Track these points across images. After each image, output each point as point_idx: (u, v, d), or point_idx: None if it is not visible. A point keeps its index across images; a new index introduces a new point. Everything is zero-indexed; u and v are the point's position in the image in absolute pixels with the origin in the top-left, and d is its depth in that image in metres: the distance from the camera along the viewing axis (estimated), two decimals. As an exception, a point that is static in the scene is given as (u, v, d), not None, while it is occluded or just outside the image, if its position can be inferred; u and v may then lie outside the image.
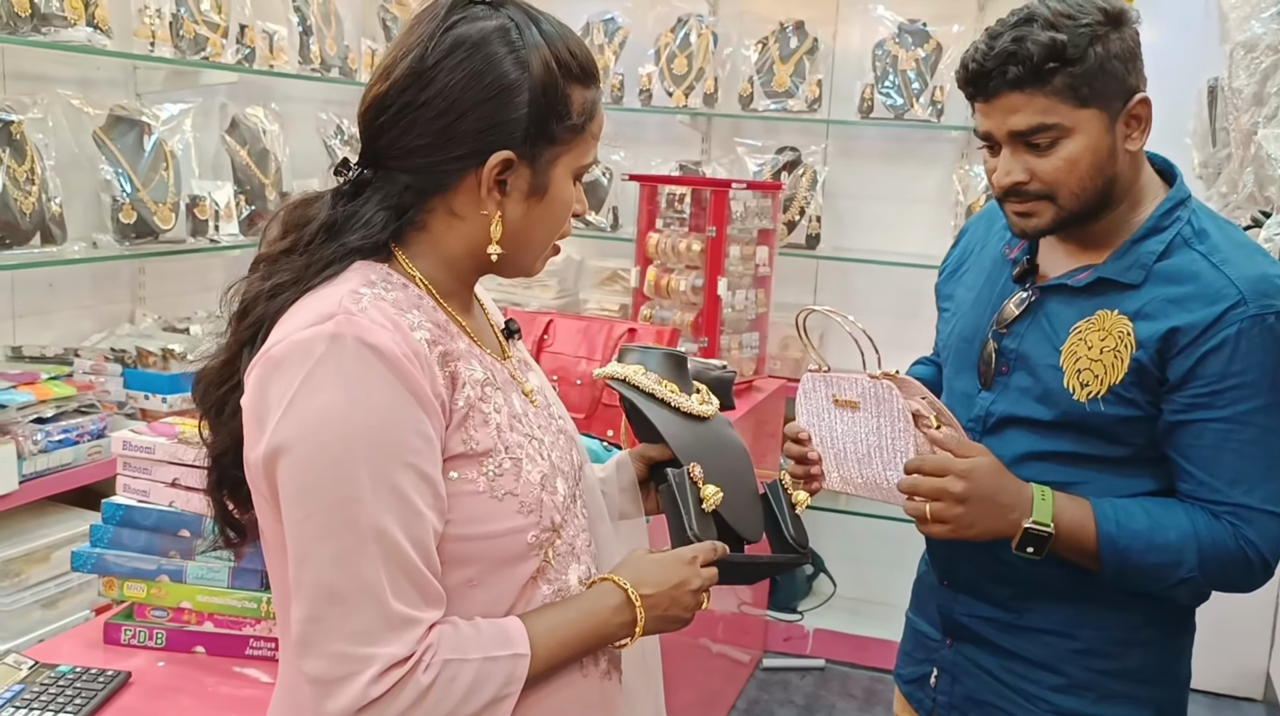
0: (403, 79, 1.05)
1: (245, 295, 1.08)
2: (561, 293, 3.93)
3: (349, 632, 0.95)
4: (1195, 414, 1.36)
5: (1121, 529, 1.38)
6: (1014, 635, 1.51)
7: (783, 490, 1.36)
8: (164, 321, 2.98)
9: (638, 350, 1.38)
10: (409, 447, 0.98)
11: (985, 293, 1.55)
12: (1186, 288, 1.37)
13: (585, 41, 2.83)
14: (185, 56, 2.83)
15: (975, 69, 1.37)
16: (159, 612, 1.53)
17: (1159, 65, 3.51)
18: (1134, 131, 1.38)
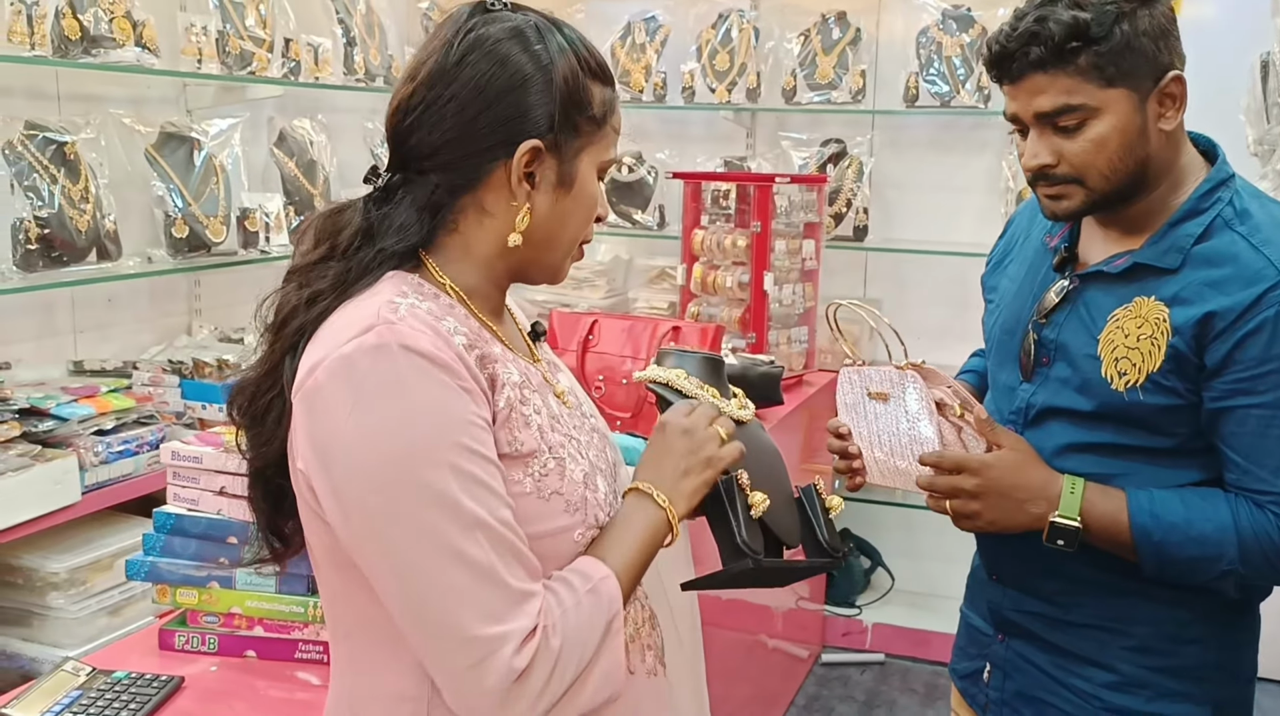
0: (427, 79, 1.07)
1: (281, 307, 1.09)
2: (610, 292, 3.94)
3: (479, 615, 0.97)
4: (1236, 400, 1.32)
5: (1156, 520, 1.35)
6: (1063, 630, 1.48)
7: (817, 494, 1.36)
8: (220, 332, 3.04)
9: (675, 353, 1.38)
10: (475, 437, 1.00)
11: (1027, 283, 1.53)
12: (1224, 270, 1.33)
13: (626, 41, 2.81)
14: (232, 72, 2.89)
15: (999, 50, 1.35)
16: (211, 618, 1.57)
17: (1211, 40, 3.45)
18: (1168, 110, 1.35)
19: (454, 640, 0.97)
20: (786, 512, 1.30)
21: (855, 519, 3.88)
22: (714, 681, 1.29)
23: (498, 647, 0.96)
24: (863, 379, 1.53)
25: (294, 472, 1.06)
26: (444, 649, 0.98)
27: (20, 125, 2.42)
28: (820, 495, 1.35)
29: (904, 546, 3.81)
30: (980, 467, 1.38)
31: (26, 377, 2.53)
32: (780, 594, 3.32)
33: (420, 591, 0.98)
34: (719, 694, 2.93)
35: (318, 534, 1.07)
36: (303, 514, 1.08)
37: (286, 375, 1.06)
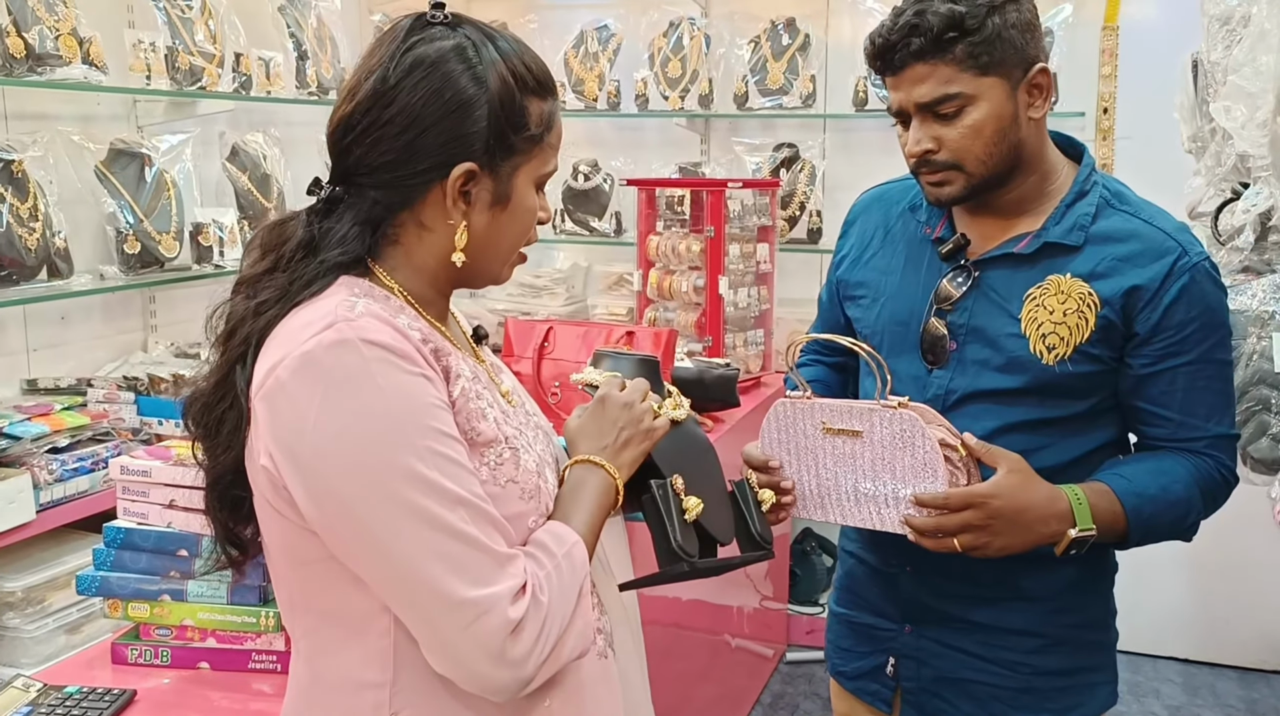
0: (366, 99, 1.09)
1: (230, 316, 1.12)
2: (570, 299, 3.96)
3: (469, 579, 1.00)
4: (1166, 363, 1.44)
5: (1142, 498, 1.44)
6: (989, 607, 1.54)
7: (750, 488, 1.39)
8: (176, 348, 3.04)
9: (611, 356, 1.41)
10: (440, 419, 1.04)
11: (911, 274, 1.57)
12: (1131, 246, 1.45)
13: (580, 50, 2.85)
14: (182, 87, 2.89)
15: (881, 43, 1.44)
16: (163, 631, 1.57)
17: (1145, 38, 3.53)
18: (1036, 99, 1.45)
19: (446, 606, 1.00)
20: (720, 511, 1.33)
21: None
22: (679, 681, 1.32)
23: (491, 606, 1.00)
24: (814, 414, 1.48)
25: (253, 474, 1.08)
26: (438, 617, 1.01)
27: (-34, 145, 2.42)
28: (753, 489, 1.38)
29: (865, 544, 3.84)
30: (985, 499, 1.38)
31: (-21, 397, 2.52)
32: (744, 593, 3.35)
33: (408, 568, 1.01)
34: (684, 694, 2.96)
35: (276, 532, 1.09)
36: (261, 513, 1.10)
37: (240, 384, 1.07)
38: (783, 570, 3.71)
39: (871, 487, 1.45)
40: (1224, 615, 3.63)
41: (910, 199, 1.62)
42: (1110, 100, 3.49)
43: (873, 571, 1.65)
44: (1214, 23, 2.07)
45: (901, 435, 1.41)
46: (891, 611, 1.62)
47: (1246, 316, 1.86)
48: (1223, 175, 2.25)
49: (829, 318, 1.73)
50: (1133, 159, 3.53)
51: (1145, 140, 3.48)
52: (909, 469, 1.41)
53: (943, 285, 1.52)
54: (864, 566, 1.67)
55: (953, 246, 1.53)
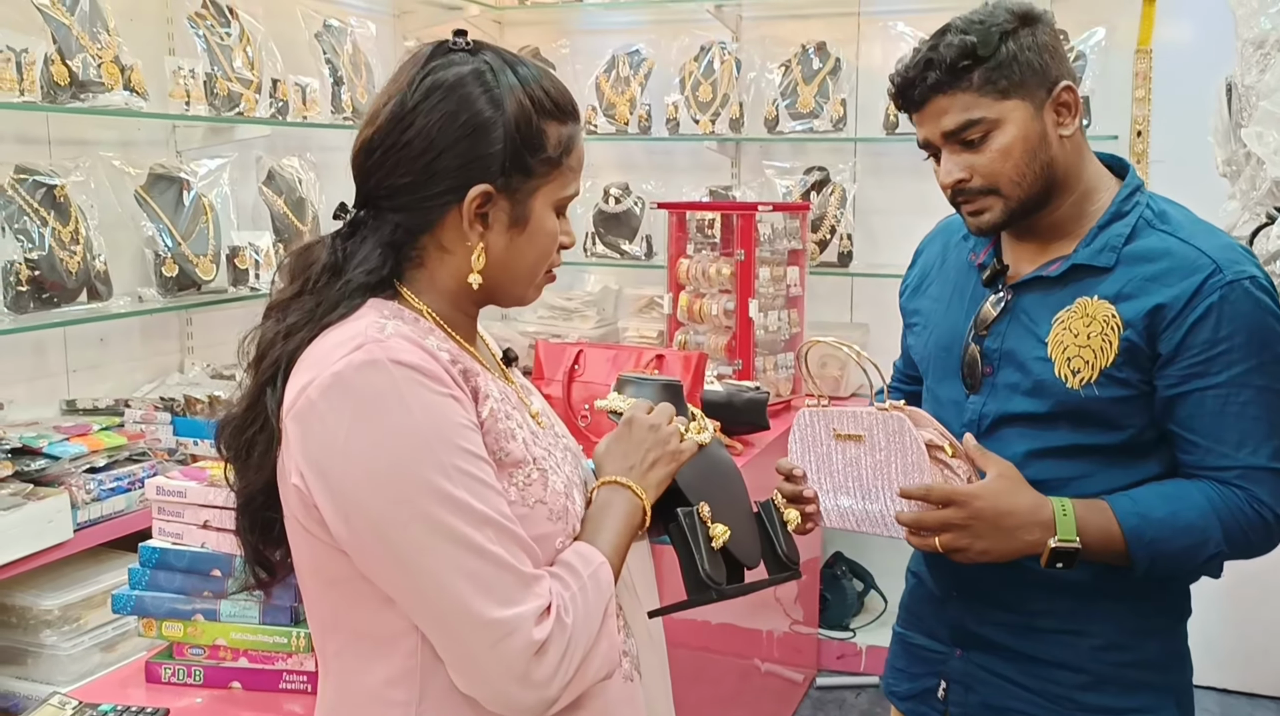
0: (386, 123, 1.12)
1: (261, 340, 1.14)
2: (601, 322, 3.98)
3: (495, 599, 1.02)
4: (1192, 384, 1.40)
5: (1145, 520, 1.40)
6: (1031, 638, 1.52)
7: (775, 508, 1.39)
8: (212, 369, 3.08)
9: (634, 382, 1.42)
10: (469, 439, 1.05)
11: (956, 300, 1.59)
12: (1160, 264, 1.42)
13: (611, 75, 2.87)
14: (220, 113, 2.94)
15: (901, 82, 1.46)
16: (196, 651, 1.59)
17: (1180, 62, 3.50)
18: (1064, 118, 1.45)
19: (472, 625, 1.01)
20: (746, 534, 1.34)
21: (847, 542, 3.90)
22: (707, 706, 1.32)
23: (517, 626, 1.01)
24: (827, 420, 1.51)
25: (285, 495, 1.10)
26: (463, 636, 1.02)
27: (10, 169, 2.46)
28: (778, 509, 1.39)
29: (896, 568, 3.78)
30: (968, 498, 1.38)
31: (20, 418, 2.56)
32: (773, 617, 3.33)
33: (435, 586, 1.02)
34: (713, 719, 2.92)
35: (307, 551, 1.11)
36: (292, 533, 1.12)
37: (270, 406, 1.09)
38: (813, 594, 3.69)
39: (874, 493, 1.47)
40: (1262, 645, 3.57)
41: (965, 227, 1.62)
42: (1144, 123, 3.47)
43: (928, 593, 1.65)
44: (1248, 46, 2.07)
45: (894, 437, 1.43)
46: (943, 634, 1.61)
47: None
48: (1258, 199, 2.23)
49: (904, 345, 1.76)
50: (1167, 182, 3.50)
51: (1179, 163, 3.45)
52: (901, 470, 1.43)
53: (983, 310, 1.53)
54: (923, 587, 1.66)
55: (991, 272, 1.54)
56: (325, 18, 3.42)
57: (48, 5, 2.49)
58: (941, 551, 1.40)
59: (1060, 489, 1.43)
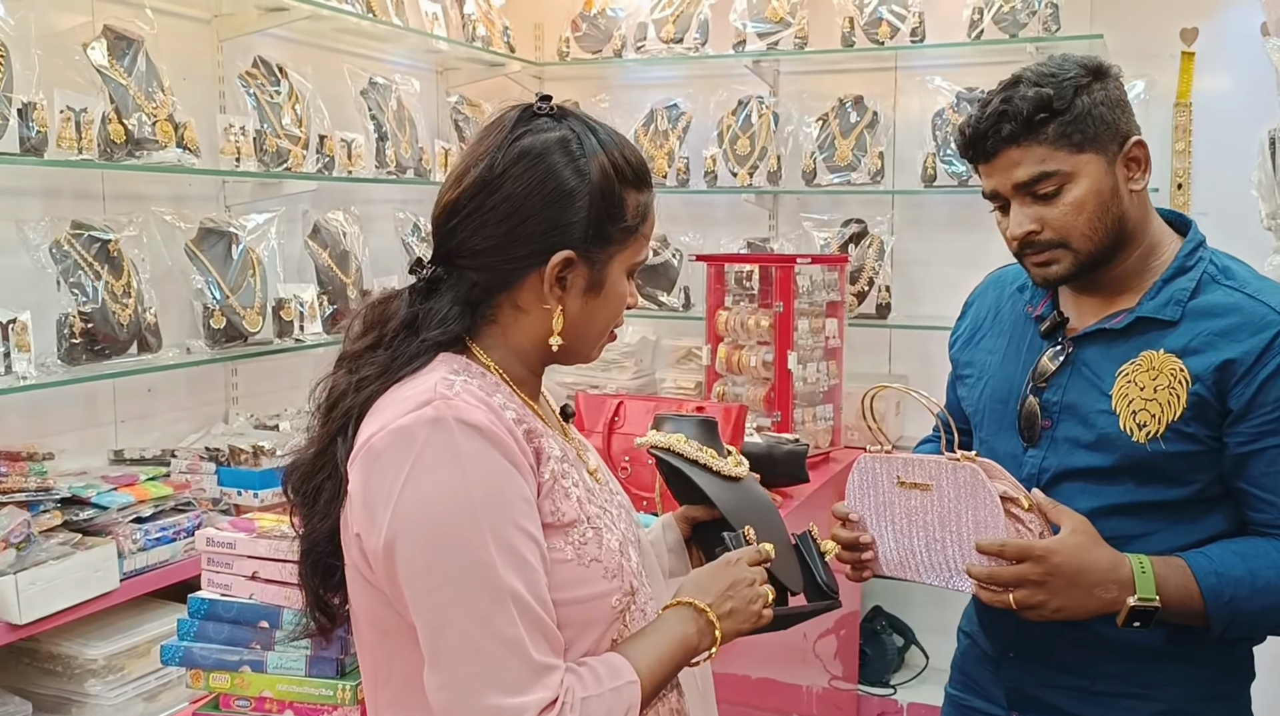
0: (472, 186, 1.14)
1: (332, 390, 1.17)
2: (638, 373, 3.99)
3: (500, 686, 1.01)
4: (1264, 442, 1.38)
5: (1223, 579, 1.37)
6: (1091, 701, 1.49)
7: (812, 539, 1.40)
8: (256, 419, 3.11)
9: (672, 418, 1.45)
10: (520, 511, 1.06)
11: (1012, 352, 1.58)
12: (1229, 320, 1.41)
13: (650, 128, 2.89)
14: (269, 169, 3.00)
15: (972, 133, 1.45)
16: (243, 702, 1.60)
17: (1219, 114, 3.50)
18: (1135, 172, 1.46)
19: (471, 704, 1.02)
20: (788, 560, 1.36)
21: (887, 596, 3.86)
22: (748, 764, 1.32)
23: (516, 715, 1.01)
24: (891, 467, 1.50)
25: (347, 543, 1.12)
26: (461, 706, 1.02)
27: (67, 225, 2.53)
28: (815, 540, 1.40)
29: (937, 623, 3.77)
30: (1045, 554, 1.36)
31: (69, 467, 2.60)
32: (813, 673, 3.29)
33: (449, 653, 1.03)
34: (751, 776, 2.88)
35: (364, 600, 1.12)
36: (351, 582, 1.14)
37: (340, 454, 1.11)
38: (852, 649, 3.64)
39: (941, 544, 1.44)
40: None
41: (1021, 279, 1.62)
42: (1185, 176, 3.46)
43: (982, 654, 1.62)
44: (1290, 101, 2.07)
45: (965, 487, 1.41)
46: (998, 696, 1.59)
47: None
48: (1303, 253, 2.22)
49: (949, 396, 1.75)
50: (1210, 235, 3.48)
51: (1222, 216, 3.43)
52: (972, 522, 1.40)
53: (1041, 362, 1.52)
54: (976, 648, 1.64)
55: (1050, 324, 1.53)
56: (371, 75, 3.49)
57: (106, 66, 2.57)
58: (1015, 608, 1.37)
59: (1123, 546, 1.40)
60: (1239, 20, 3.31)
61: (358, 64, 3.50)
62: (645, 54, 4.02)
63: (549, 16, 4.29)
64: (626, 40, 4.06)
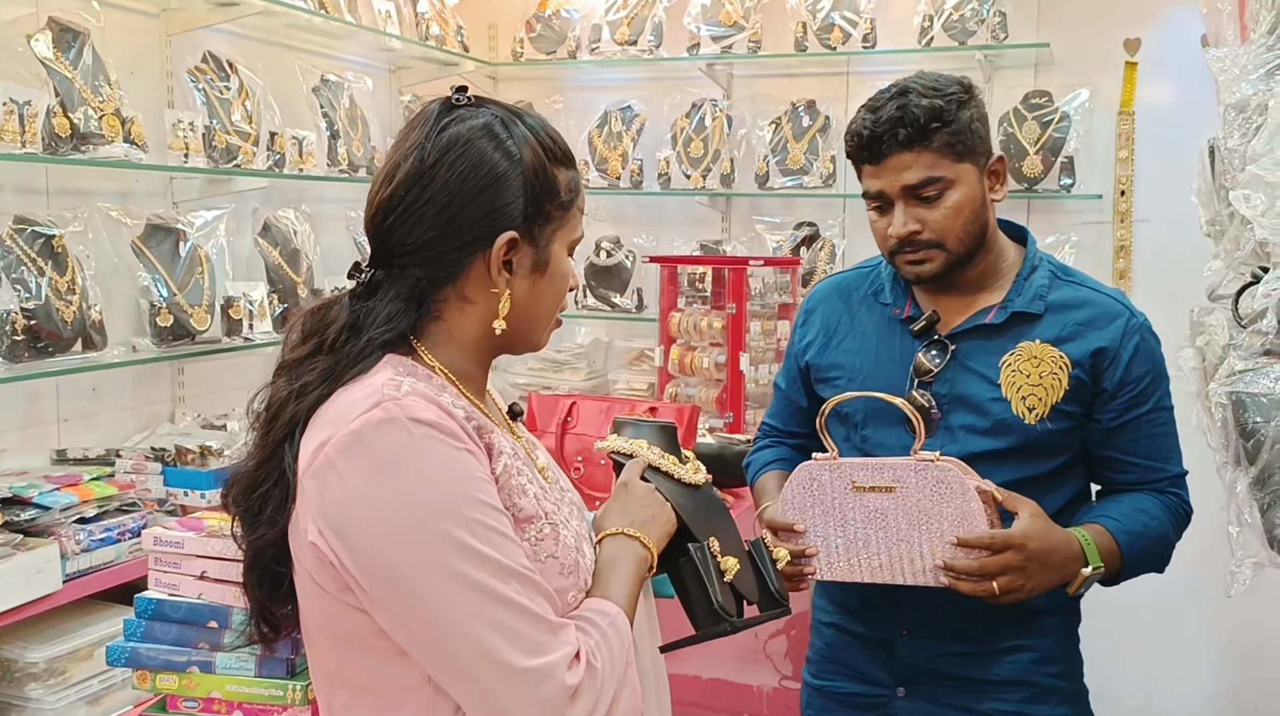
0: (405, 181, 1.13)
1: (272, 400, 1.14)
2: (590, 374, 3.99)
3: (524, 650, 1.02)
4: (1130, 414, 1.60)
5: (1132, 536, 1.56)
6: (982, 662, 1.62)
7: (765, 547, 1.41)
8: (203, 419, 3.07)
9: (632, 423, 1.44)
10: (486, 492, 1.06)
11: (885, 353, 1.68)
12: (1087, 311, 1.61)
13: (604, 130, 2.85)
14: (218, 165, 2.97)
15: (868, 135, 1.56)
16: (190, 703, 1.57)
17: (1161, 123, 3.58)
18: (995, 185, 1.63)
19: (506, 676, 1.02)
20: (744, 570, 1.36)
21: (837, 596, 3.89)
22: (697, 763, 1.34)
23: (549, 673, 1.02)
24: (841, 473, 1.54)
25: (297, 551, 1.10)
26: (497, 687, 1.02)
27: (10, 220, 2.48)
28: (768, 548, 1.41)
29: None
30: (1024, 541, 1.46)
31: (10, 467, 2.55)
32: (763, 673, 3.31)
33: (464, 641, 1.02)
34: (701, 775, 2.89)
35: (318, 607, 1.11)
36: (302, 588, 1.12)
37: (288, 461, 1.09)
38: (801, 648, 3.66)
39: (906, 543, 1.50)
40: (1251, 703, 3.56)
41: (870, 286, 1.74)
42: (1128, 183, 3.53)
43: (859, 640, 1.70)
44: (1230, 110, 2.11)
45: (939, 487, 1.48)
46: (883, 677, 1.67)
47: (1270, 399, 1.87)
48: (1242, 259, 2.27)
49: (788, 400, 1.84)
50: (1151, 241, 3.56)
51: (1163, 223, 3.51)
52: (950, 519, 1.47)
53: (919, 359, 1.63)
54: (847, 635, 1.72)
55: (925, 323, 1.64)
56: (323, 73, 3.47)
57: (51, 59, 2.52)
58: (998, 594, 1.46)
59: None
60: (1180, 31, 3.38)
61: (309, 61, 3.47)
62: (600, 55, 4.03)
63: (503, 16, 4.28)
64: (581, 42, 4.06)
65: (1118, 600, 3.63)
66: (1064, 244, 3.58)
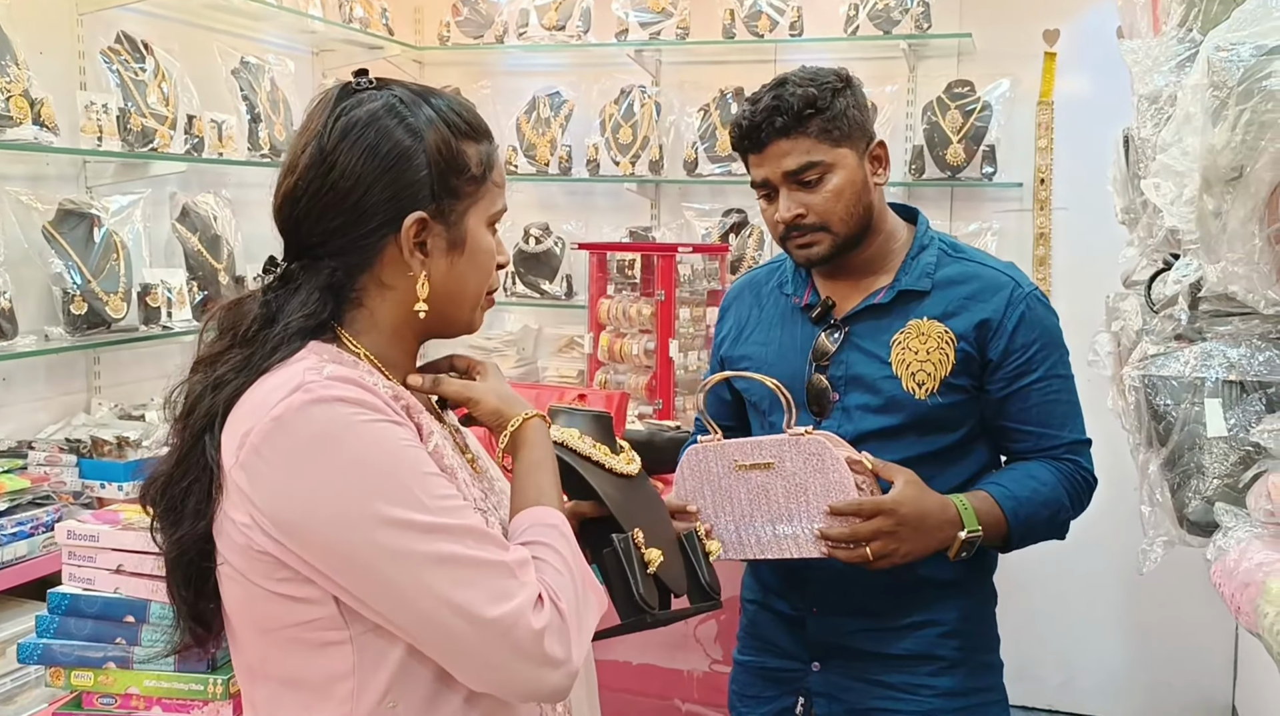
0: (307, 169, 1.11)
1: (189, 395, 1.11)
2: (521, 361, 3.98)
3: (488, 599, 1.01)
4: (1019, 382, 1.64)
5: (1018, 501, 1.60)
6: (891, 637, 1.66)
7: (698, 539, 1.42)
8: (120, 409, 2.99)
9: (566, 412, 1.43)
10: (417, 458, 1.04)
11: (788, 341, 1.74)
12: (973, 285, 1.66)
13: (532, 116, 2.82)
14: (134, 149, 2.89)
15: (747, 124, 1.62)
16: (107, 700, 1.54)
17: (1079, 113, 3.66)
18: (877, 169, 1.68)
19: (478, 627, 1.01)
20: (674, 561, 1.36)
21: (766, 580, 3.93)
22: (627, 747, 1.35)
23: (517, 618, 1.01)
24: (724, 454, 1.59)
25: (223, 544, 1.07)
26: (472, 641, 1.01)
27: (-88, 204, 2.39)
28: (701, 540, 1.41)
29: (814, 606, 3.86)
30: (894, 507, 1.51)
31: (-85, 460, 2.47)
32: (693, 657, 3.33)
33: (428, 603, 1.01)
34: (632, 760, 2.91)
35: (242, 600, 1.08)
36: (225, 582, 1.09)
37: (209, 454, 1.07)
38: (732, 632, 3.70)
39: (787, 516, 1.54)
40: (1165, 677, 3.68)
41: (776, 278, 1.80)
42: (1047, 172, 3.61)
43: (778, 617, 1.75)
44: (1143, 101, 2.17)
45: (811, 459, 1.52)
46: (799, 652, 1.72)
47: (1180, 382, 1.92)
48: (1155, 246, 2.33)
49: (714, 393, 1.86)
50: (1069, 229, 3.65)
51: (1081, 211, 3.60)
52: (822, 490, 1.52)
53: (819, 342, 1.69)
54: (768, 612, 1.77)
55: (821, 308, 1.70)
56: (243, 55, 3.39)
57: (-45, 37, 2.43)
58: (871, 559, 1.50)
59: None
60: (1097, 23, 3.46)
61: (228, 42, 3.39)
62: (527, 40, 4.00)
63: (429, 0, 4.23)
64: (508, 26, 4.03)
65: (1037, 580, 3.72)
66: (986, 231, 3.65)
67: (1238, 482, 1.65)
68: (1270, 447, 1.53)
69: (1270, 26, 1.35)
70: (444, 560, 1.01)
